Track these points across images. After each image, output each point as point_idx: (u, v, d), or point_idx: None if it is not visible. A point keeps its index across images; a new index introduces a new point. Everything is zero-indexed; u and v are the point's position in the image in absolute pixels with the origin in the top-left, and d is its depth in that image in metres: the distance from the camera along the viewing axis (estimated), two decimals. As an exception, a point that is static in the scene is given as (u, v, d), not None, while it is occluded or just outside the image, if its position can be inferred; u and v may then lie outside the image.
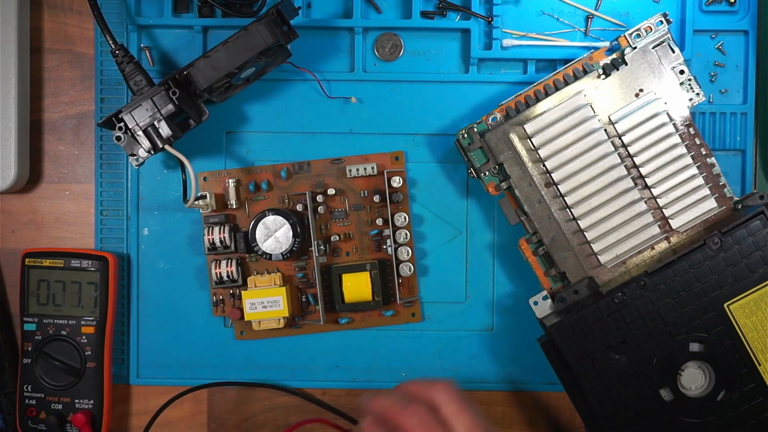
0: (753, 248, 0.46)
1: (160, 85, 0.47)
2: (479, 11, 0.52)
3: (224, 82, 0.48)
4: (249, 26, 0.46)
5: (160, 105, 0.47)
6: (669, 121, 0.49)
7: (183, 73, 0.47)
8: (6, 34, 0.52)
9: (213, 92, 0.48)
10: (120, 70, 0.49)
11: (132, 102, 0.47)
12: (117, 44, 0.49)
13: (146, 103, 0.47)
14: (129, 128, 0.47)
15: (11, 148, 0.52)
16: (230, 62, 0.46)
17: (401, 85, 0.53)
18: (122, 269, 0.54)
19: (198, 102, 0.49)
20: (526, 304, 0.50)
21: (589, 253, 0.49)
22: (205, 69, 0.47)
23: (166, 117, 0.47)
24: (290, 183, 0.53)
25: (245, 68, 0.47)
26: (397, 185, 0.52)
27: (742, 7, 0.53)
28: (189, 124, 0.49)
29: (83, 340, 0.52)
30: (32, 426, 0.53)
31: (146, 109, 0.47)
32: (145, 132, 0.47)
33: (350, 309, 0.52)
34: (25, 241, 0.55)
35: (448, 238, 0.54)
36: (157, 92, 0.47)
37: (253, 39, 0.46)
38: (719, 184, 0.49)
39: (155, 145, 0.47)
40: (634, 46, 0.49)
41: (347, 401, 0.55)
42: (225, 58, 0.46)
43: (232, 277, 0.52)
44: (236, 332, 0.54)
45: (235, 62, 0.46)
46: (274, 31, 0.46)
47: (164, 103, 0.47)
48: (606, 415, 0.47)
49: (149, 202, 0.54)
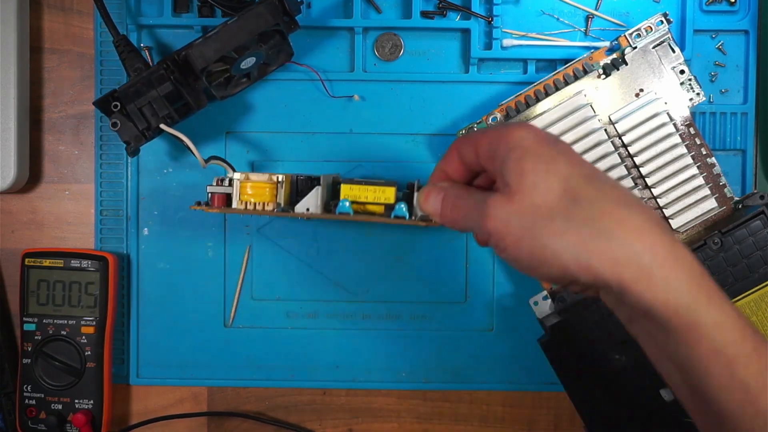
0: (753, 248, 0.46)
1: (159, 65, 0.46)
2: (479, 11, 0.52)
3: (223, 69, 0.47)
4: (251, 8, 0.45)
5: (157, 83, 0.46)
6: (669, 121, 0.49)
7: (181, 54, 0.46)
8: (6, 34, 0.52)
9: (212, 81, 0.48)
10: (121, 60, 0.49)
11: (130, 81, 0.46)
12: (119, 35, 0.49)
13: (144, 80, 0.46)
14: (125, 107, 0.46)
15: (11, 148, 0.52)
16: (229, 42, 0.45)
17: (401, 85, 0.53)
18: (122, 269, 0.54)
19: (197, 87, 0.48)
20: (526, 304, 0.50)
21: (589, 253, 0.49)
22: (204, 48, 0.46)
23: (162, 95, 0.46)
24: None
25: (245, 54, 0.47)
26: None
27: (743, 7, 0.53)
28: (188, 111, 0.49)
29: (83, 340, 0.52)
30: (32, 426, 0.53)
31: (143, 88, 0.46)
32: (141, 111, 0.46)
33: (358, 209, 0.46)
34: (25, 241, 0.55)
35: (448, 238, 0.54)
36: (156, 71, 0.46)
37: (253, 20, 0.45)
38: (719, 184, 0.49)
39: (150, 124, 0.46)
40: (635, 46, 0.49)
41: (347, 401, 0.55)
42: (223, 39, 0.45)
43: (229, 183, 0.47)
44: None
45: (234, 43, 0.45)
46: (276, 13, 0.45)
47: (162, 82, 0.46)
48: (606, 415, 0.47)
49: (149, 202, 0.54)
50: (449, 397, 0.55)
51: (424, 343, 0.54)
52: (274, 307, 0.55)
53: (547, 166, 0.34)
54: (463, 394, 0.55)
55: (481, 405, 0.55)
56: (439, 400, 0.55)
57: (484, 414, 0.55)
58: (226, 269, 0.54)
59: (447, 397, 0.55)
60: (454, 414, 0.55)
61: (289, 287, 0.54)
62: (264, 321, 0.55)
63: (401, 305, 0.54)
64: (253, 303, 0.55)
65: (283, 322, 0.55)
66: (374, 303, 0.54)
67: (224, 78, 0.48)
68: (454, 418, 0.55)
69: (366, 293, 0.54)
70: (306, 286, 0.54)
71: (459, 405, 0.55)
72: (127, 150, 0.47)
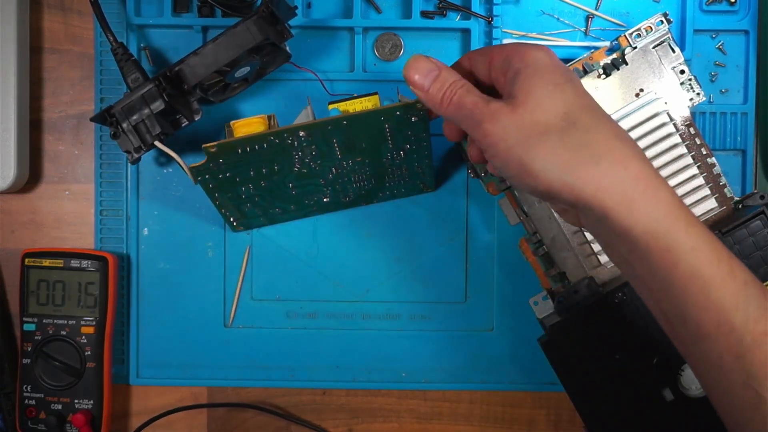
0: (753, 248, 0.46)
1: (152, 81, 0.47)
2: (479, 11, 0.52)
3: (217, 80, 0.48)
4: (238, 23, 0.46)
5: (150, 101, 0.46)
6: (669, 121, 0.49)
7: (174, 70, 0.47)
8: (6, 34, 0.52)
9: (207, 91, 0.48)
10: (119, 68, 0.49)
11: (124, 98, 0.47)
12: (117, 42, 0.49)
13: (137, 98, 0.46)
14: (120, 124, 0.47)
15: (11, 148, 0.52)
16: (219, 59, 0.45)
17: (401, 85, 0.53)
18: (122, 269, 0.54)
19: (191, 100, 0.49)
20: (526, 304, 0.50)
21: (589, 253, 0.49)
22: (195, 65, 0.46)
23: (156, 113, 0.46)
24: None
25: (237, 66, 0.47)
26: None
27: (743, 6, 0.53)
28: (181, 122, 0.49)
29: (83, 340, 0.52)
30: (32, 426, 0.52)
31: (137, 105, 0.46)
32: (135, 128, 0.47)
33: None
34: (25, 241, 0.55)
35: (448, 238, 0.54)
36: (148, 88, 0.46)
37: (241, 36, 0.45)
38: (719, 184, 0.49)
39: (145, 142, 0.47)
40: (635, 45, 0.49)
41: (347, 401, 0.55)
42: (213, 55, 0.46)
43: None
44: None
45: (224, 59, 0.45)
46: (264, 28, 0.45)
47: (154, 99, 0.46)
48: (606, 415, 0.47)
49: (149, 202, 0.54)
50: (449, 397, 0.55)
51: (424, 343, 0.54)
52: (274, 307, 0.55)
53: (554, 88, 0.36)
54: (463, 394, 0.55)
55: (481, 405, 0.55)
56: (439, 400, 0.55)
57: (484, 414, 0.55)
58: (226, 269, 0.54)
59: (447, 397, 0.55)
60: (454, 414, 0.55)
61: (289, 287, 0.54)
62: (264, 321, 0.55)
63: (401, 305, 0.54)
64: (253, 303, 0.55)
65: (283, 322, 0.55)
66: (374, 303, 0.54)
67: (220, 86, 0.49)
68: (454, 418, 0.55)
69: (366, 293, 0.54)
70: (306, 286, 0.54)
71: (459, 405, 0.55)
72: (128, 159, 0.48)
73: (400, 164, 0.50)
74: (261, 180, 0.49)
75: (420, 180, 0.52)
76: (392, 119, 0.46)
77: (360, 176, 0.51)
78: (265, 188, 0.50)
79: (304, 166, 0.49)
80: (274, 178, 0.49)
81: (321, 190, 0.51)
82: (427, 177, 0.52)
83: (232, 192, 0.49)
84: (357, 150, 0.48)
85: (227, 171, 0.47)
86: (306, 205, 0.52)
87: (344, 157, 0.49)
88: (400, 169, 0.51)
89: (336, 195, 0.52)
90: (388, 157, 0.49)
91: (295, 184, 0.50)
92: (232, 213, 0.52)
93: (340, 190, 0.52)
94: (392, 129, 0.47)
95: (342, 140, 0.47)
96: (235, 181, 0.48)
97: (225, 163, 0.46)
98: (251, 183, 0.49)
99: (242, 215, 0.52)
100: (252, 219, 0.53)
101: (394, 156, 0.49)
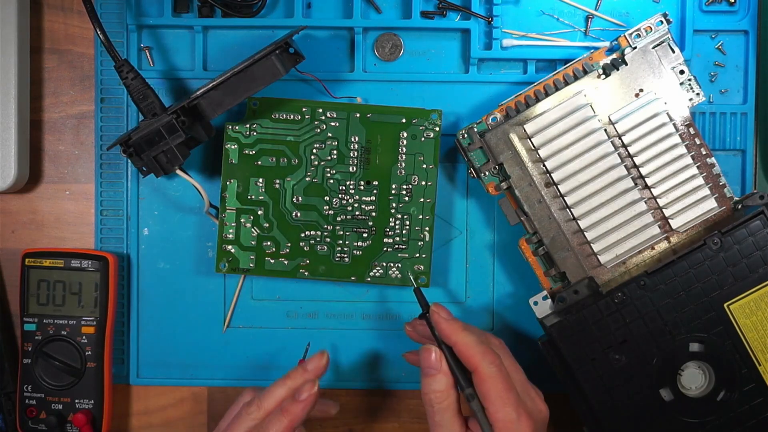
0: (753, 248, 0.46)
1: (170, 113, 0.47)
2: (479, 11, 0.52)
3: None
4: (260, 59, 0.46)
5: (168, 134, 0.47)
6: (669, 121, 0.49)
7: (192, 104, 0.47)
8: (6, 34, 0.52)
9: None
10: (125, 85, 0.49)
11: (141, 127, 0.47)
12: (120, 60, 0.49)
13: (155, 130, 0.47)
14: (139, 155, 0.47)
15: (11, 148, 0.52)
16: (240, 94, 0.47)
17: (401, 85, 0.53)
18: (122, 269, 0.54)
19: (205, 122, 0.49)
20: (526, 304, 0.50)
21: (589, 253, 0.49)
22: (214, 101, 0.47)
23: (175, 145, 0.47)
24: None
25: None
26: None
27: (742, 7, 0.53)
28: (196, 141, 0.50)
29: (83, 340, 0.52)
30: (32, 426, 0.53)
31: (156, 137, 0.47)
32: (155, 159, 0.47)
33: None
34: (25, 241, 0.55)
35: (448, 238, 0.54)
36: (166, 120, 0.47)
37: (265, 72, 0.46)
38: (719, 184, 0.49)
39: (166, 170, 0.48)
40: (634, 46, 0.49)
41: (347, 401, 0.55)
42: (235, 90, 0.47)
43: None
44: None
45: (245, 93, 0.47)
46: (289, 61, 0.47)
47: (173, 131, 0.47)
48: (606, 415, 0.47)
49: (149, 202, 0.54)
50: (449, 397, 0.55)
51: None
52: (274, 307, 0.55)
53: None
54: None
55: (481, 405, 0.55)
56: (439, 400, 0.55)
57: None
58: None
59: (447, 397, 0.55)
60: (454, 414, 0.55)
61: (289, 287, 0.54)
62: (264, 321, 0.55)
63: (401, 305, 0.54)
64: (253, 303, 0.55)
65: (283, 322, 0.55)
66: (374, 303, 0.54)
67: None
68: (454, 418, 0.55)
69: (366, 293, 0.55)
70: (306, 286, 0.54)
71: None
72: (140, 172, 0.48)
73: (404, 209, 0.51)
74: (275, 177, 0.51)
75: (418, 259, 0.52)
76: (408, 126, 0.51)
77: (360, 227, 0.52)
78: (274, 193, 0.51)
79: (317, 173, 0.51)
80: (288, 179, 0.51)
81: (320, 227, 0.52)
82: (424, 258, 0.52)
83: (244, 185, 0.51)
84: (371, 166, 0.51)
85: (256, 144, 0.51)
86: (300, 250, 0.52)
87: (357, 172, 0.51)
88: (402, 221, 0.51)
89: (332, 248, 0.52)
90: (394, 190, 0.51)
91: (302, 198, 0.51)
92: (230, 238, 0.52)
93: (338, 236, 0.52)
94: (407, 139, 0.50)
95: (361, 140, 0.50)
96: (255, 165, 0.51)
97: (257, 130, 0.51)
98: (265, 176, 0.51)
99: (236, 243, 0.52)
100: (242, 254, 0.52)
101: (401, 190, 0.51)
